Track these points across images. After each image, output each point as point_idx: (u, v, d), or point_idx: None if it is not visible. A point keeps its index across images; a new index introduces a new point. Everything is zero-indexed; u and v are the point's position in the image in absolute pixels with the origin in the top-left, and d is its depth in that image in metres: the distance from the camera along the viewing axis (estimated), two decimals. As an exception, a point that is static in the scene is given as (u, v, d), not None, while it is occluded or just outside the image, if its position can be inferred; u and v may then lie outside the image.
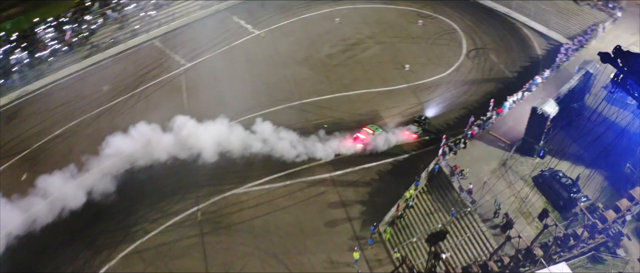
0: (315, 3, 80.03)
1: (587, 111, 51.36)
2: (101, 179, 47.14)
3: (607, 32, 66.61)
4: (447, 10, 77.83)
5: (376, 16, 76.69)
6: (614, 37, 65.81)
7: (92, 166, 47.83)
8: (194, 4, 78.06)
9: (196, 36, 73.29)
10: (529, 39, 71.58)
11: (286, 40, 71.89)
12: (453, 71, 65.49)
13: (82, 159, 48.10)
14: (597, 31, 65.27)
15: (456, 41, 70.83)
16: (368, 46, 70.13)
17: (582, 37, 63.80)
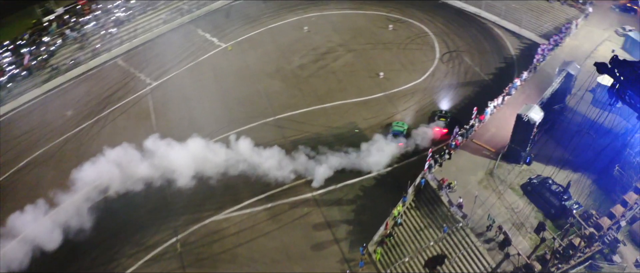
0: (281, 12, 78.01)
1: (570, 113, 51.22)
2: (73, 213, 44.89)
3: (579, 28, 66.80)
4: (417, 13, 76.94)
5: (345, 23, 75.12)
6: (586, 33, 66.17)
7: (62, 199, 45.43)
8: (156, 19, 74.97)
9: (161, 52, 70.39)
10: (501, 39, 71.23)
11: (255, 52, 69.63)
12: (428, 76, 64.47)
13: (50, 192, 45.86)
14: (571, 29, 65.11)
15: (429, 45, 69.90)
16: (339, 54, 68.45)
17: (557, 36, 63.61)
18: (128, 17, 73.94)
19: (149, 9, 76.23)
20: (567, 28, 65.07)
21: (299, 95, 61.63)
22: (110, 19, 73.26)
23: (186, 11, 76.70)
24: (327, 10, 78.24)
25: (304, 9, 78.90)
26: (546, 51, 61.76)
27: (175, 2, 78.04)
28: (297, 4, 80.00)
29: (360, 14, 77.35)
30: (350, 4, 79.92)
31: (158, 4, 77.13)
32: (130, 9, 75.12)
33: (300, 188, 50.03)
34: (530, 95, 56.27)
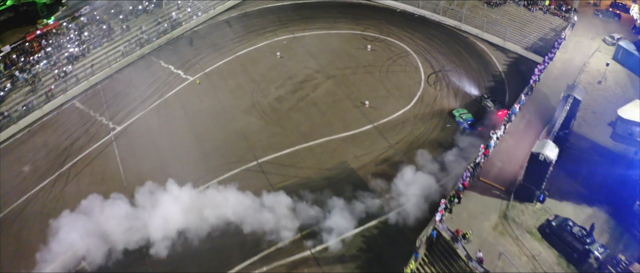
0: (249, 37, 73.44)
1: (576, 139, 48.81)
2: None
3: (567, 39, 64.72)
4: (393, 30, 73.58)
5: (320, 45, 71.03)
6: (575, 44, 64.51)
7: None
8: (113, 51, 69.00)
9: (122, 90, 64.75)
10: (486, 54, 68.75)
11: (226, 84, 64.61)
12: (417, 101, 61.13)
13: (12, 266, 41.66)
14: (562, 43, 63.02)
15: (412, 65, 66.55)
16: (319, 82, 64.23)
17: (552, 54, 61.03)
18: (82, 52, 67.67)
19: (104, 41, 70.02)
20: (559, 44, 62.65)
21: (281, 133, 57.06)
22: (63, 55, 66.73)
23: (145, 41, 70.87)
24: (298, 32, 73.91)
25: (273, 31, 74.37)
26: (542, 71, 59.15)
27: (133, 30, 71.96)
28: (265, 26, 75.57)
29: (334, 35, 73.32)
30: (321, 23, 75.92)
31: (114, 35, 70.91)
32: (84, 42, 68.77)
33: (295, 246, 45.46)
34: (531, 120, 53.99)
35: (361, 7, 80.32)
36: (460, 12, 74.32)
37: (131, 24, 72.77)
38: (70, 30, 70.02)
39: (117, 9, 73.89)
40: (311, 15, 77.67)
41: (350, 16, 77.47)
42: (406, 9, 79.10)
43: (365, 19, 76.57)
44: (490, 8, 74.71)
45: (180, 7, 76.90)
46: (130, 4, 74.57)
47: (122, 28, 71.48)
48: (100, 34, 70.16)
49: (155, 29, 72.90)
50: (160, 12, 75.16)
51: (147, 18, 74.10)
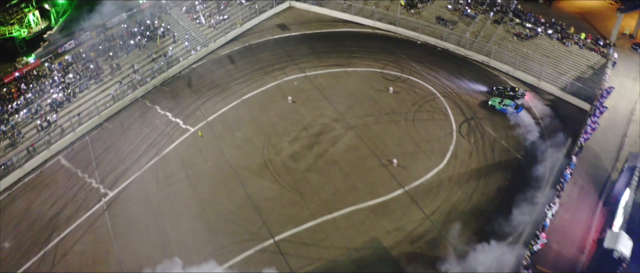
0: (255, 75, 66.73)
1: None
2: None
3: (609, 81, 58.55)
4: (416, 67, 67.00)
5: (335, 86, 64.44)
6: (618, 86, 59.09)
7: None
8: (102, 95, 61.54)
9: (113, 143, 57.79)
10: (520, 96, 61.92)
11: (232, 137, 57.43)
12: (450, 158, 54.48)
13: None
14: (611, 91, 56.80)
15: (441, 112, 59.83)
16: (338, 133, 57.25)
17: (602, 107, 54.48)
18: (67, 97, 60.04)
19: (92, 83, 62.35)
20: (608, 93, 56.17)
21: (299, 202, 50.13)
22: (46, 101, 59.07)
23: (139, 82, 63.26)
24: (310, 70, 66.82)
25: (281, 68, 67.22)
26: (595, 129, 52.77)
27: (124, 69, 64.37)
28: (272, 62, 68.56)
29: (351, 73, 66.31)
30: (335, 58, 69.01)
31: (103, 75, 63.30)
32: (69, 85, 61.07)
33: None
34: (583, 187, 48.09)
35: (378, 39, 73.40)
36: (488, 46, 67.45)
37: (122, 62, 65.23)
38: (53, 71, 62.06)
39: (105, 45, 66.05)
40: (323, 49, 70.54)
41: (367, 50, 70.48)
42: (428, 41, 72.22)
43: (384, 54, 69.61)
44: (521, 41, 68.12)
45: (177, 41, 69.27)
46: (120, 38, 66.78)
47: (111, 67, 63.95)
48: (87, 74, 62.62)
49: (149, 67, 65.19)
50: (155, 47, 67.43)
51: (140, 54, 66.62)
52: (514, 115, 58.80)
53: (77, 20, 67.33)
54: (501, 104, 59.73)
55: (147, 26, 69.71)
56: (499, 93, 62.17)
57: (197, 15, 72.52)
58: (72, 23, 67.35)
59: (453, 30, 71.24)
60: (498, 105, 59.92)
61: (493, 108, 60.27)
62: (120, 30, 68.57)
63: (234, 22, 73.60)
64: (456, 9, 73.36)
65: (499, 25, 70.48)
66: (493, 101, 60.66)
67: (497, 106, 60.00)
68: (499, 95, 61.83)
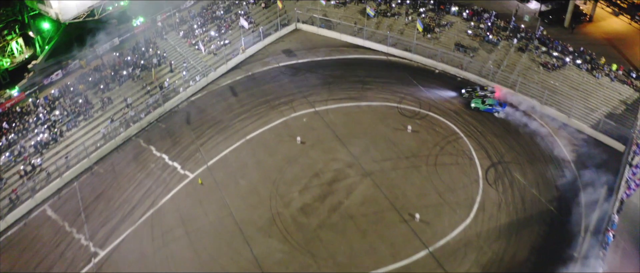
0: (260, 110, 61.68)
1: None
2: None
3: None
4: (434, 101, 61.68)
5: (348, 124, 59.37)
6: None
7: None
8: (92, 134, 56.31)
9: (104, 191, 52.79)
10: (548, 136, 57.54)
11: (236, 186, 52.17)
12: (478, 211, 49.50)
13: None
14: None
15: (465, 155, 54.86)
16: (353, 182, 52.07)
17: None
18: (53, 136, 54.46)
19: (80, 120, 56.83)
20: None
21: (312, 265, 45.38)
22: (30, 143, 53.57)
23: (132, 119, 57.73)
24: (319, 104, 61.56)
25: (288, 102, 61.91)
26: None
27: (116, 103, 58.92)
28: (278, 95, 63.37)
29: (364, 108, 61.07)
30: (347, 90, 63.90)
31: (92, 111, 57.81)
32: (55, 123, 55.55)
33: None
34: (626, 250, 44.04)
35: (392, 67, 68.21)
36: (512, 77, 62.26)
37: (114, 95, 59.73)
38: (38, 106, 56.44)
39: (95, 76, 60.42)
40: (333, 79, 65.37)
41: (381, 80, 65.32)
42: (446, 70, 66.95)
43: (399, 85, 64.44)
44: (547, 72, 62.88)
45: (174, 70, 63.65)
46: (112, 68, 61.21)
47: (102, 101, 58.46)
48: (76, 110, 56.83)
49: (143, 100, 59.62)
50: (149, 78, 61.80)
51: (134, 86, 61.13)
52: (502, 113, 59.59)
53: (65, 48, 61.59)
54: (485, 104, 59.73)
55: (141, 53, 63.99)
56: (472, 94, 61.78)
57: (196, 41, 66.83)
58: (59, 51, 61.59)
59: (474, 58, 65.94)
60: (482, 106, 59.89)
61: (477, 110, 60.01)
62: (111, 59, 62.75)
63: (235, 47, 68.00)
64: (477, 35, 68.12)
65: (524, 54, 65.22)
66: (476, 103, 60.22)
67: (481, 107, 59.90)
68: (472, 96, 61.51)
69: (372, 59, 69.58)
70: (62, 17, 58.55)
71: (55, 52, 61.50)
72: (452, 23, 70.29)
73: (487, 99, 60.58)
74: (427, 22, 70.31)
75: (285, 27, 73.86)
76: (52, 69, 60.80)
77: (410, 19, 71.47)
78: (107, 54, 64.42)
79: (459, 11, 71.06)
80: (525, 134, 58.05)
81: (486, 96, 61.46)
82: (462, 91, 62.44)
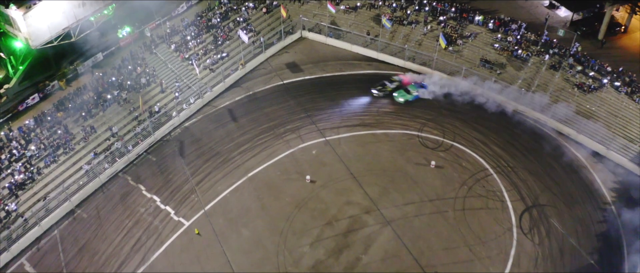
0: (263, 140, 56.15)
1: None
2: None
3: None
4: (460, 127, 56.08)
5: (363, 157, 53.43)
6: None
7: None
8: (73, 170, 50.10)
9: (88, 242, 46.83)
10: (585, 170, 52.03)
11: (238, 237, 46.55)
12: (512, 267, 44.65)
13: None
14: None
15: (496, 197, 49.48)
16: (371, 232, 46.50)
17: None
18: (30, 175, 47.94)
19: (60, 154, 50.32)
20: None
21: None
22: (3, 184, 47.22)
23: (118, 152, 51.19)
24: (330, 131, 55.68)
25: (295, 130, 55.99)
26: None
27: (100, 131, 52.45)
28: (283, 120, 57.70)
29: (381, 137, 55.08)
30: (361, 115, 57.92)
31: (73, 142, 51.32)
32: (31, 159, 49.07)
33: None
34: None
35: (410, 85, 61.56)
36: (544, 100, 56.11)
37: (97, 123, 53.15)
38: (12, 140, 49.79)
39: (76, 100, 53.57)
40: (346, 101, 58.91)
41: (397, 103, 58.63)
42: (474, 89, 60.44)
43: (419, 107, 58.44)
44: (583, 94, 56.76)
45: (165, 90, 56.82)
46: (94, 90, 54.32)
47: (84, 130, 51.86)
48: (54, 142, 50.21)
49: (131, 128, 53.02)
50: (137, 102, 55.09)
51: (119, 112, 54.33)
52: (425, 92, 58.73)
53: (41, 68, 54.52)
54: (411, 94, 58.38)
55: (127, 73, 57.03)
56: (384, 90, 59.25)
57: (189, 55, 59.89)
58: (35, 71, 54.54)
59: (500, 76, 59.59)
60: (409, 96, 58.43)
61: (407, 102, 58.33)
62: (94, 80, 55.76)
63: (234, 61, 61.06)
64: (504, 49, 61.45)
65: (557, 72, 58.83)
66: (402, 96, 58.44)
67: (409, 97, 58.39)
68: (382, 90, 59.26)
69: (387, 75, 62.80)
70: (33, 42, 51.12)
71: (30, 72, 54.31)
72: (476, 34, 63.44)
73: (410, 87, 58.92)
74: (449, 32, 63.48)
75: (290, 35, 66.83)
76: (27, 92, 53.68)
77: (429, 28, 64.38)
78: (88, 73, 57.26)
79: (483, 20, 64.07)
80: (560, 168, 52.66)
81: (399, 86, 59.34)
82: (374, 91, 59.24)
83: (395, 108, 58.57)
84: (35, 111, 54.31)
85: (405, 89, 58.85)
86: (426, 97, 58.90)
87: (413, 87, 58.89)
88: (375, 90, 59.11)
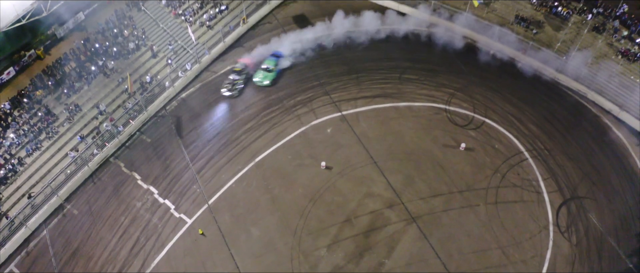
0: (273, 116, 50.86)
1: None
2: None
3: None
4: (492, 98, 51.44)
5: (384, 137, 48.54)
6: None
7: None
8: (59, 157, 45.19)
9: (81, 245, 42.71)
10: (628, 156, 47.84)
11: (247, 238, 43.10)
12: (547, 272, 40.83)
13: None
14: None
15: (531, 186, 45.71)
16: (395, 231, 43.00)
17: None
18: (12, 168, 43.45)
19: (43, 139, 45.37)
20: None
21: None
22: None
23: (108, 134, 46.28)
24: (347, 105, 50.79)
25: (307, 102, 50.87)
26: None
27: (86, 110, 47.14)
28: (293, 89, 52.13)
29: (404, 112, 50.18)
30: (381, 83, 52.76)
31: (56, 124, 46.13)
32: (11, 148, 44.40)
33: None
34: None
35: (436, 46, 55.75)
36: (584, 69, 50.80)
37: (82, 99, 47.43)
38: (-15, 127, 44.74)
39: (57, 73, 47.57)
40: (363, 65, 53.55)
41: (423, 65, 53.89)
42: (504, 52, 54.52)
43: (447, 73, 53.11)
44: (628, 63, 51.31)
45: (157, 54, 50.56)
46: (75, 59, 48.01)
47: (68, 109, 46.34)
48: (36, 126, 44.90)
49: (120, 104, 47.56)
50: (126, 70, 49.09)
51: (106, 84, 48.47)
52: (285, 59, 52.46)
53: (16, 36, 47.71)
54: (272, 70, 51.25)
55: (113, 36, 50.39)
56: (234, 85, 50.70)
57: (183, 11, 53.07)
58: (9, 40, 47.76)
59: (537, 35, 53.53)
60: (270, 74, 51.22)
61: (274, 80, 51.31)
62: (76, 47, 49.24)
63: (235, 15, 54.26)
64: (542, 4, 54.80)
65: (600, 35, 52.78)
66: (265, 78, 51.05)
67: (272, 75, 51.25)
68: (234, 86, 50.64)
69: (410, 33, 56.45)
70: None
71: (2, 45, 47.52)
72: (510, -15, 56.54)
73: (267, 63, 51.61)
74: (478, -18, 56.44)
75: (295, -20, 59.32)
76: (0, 66, 47.28)
77: (456, -25, 57.29)
78: (70, 36, 50.48)
79: (519, -29, 56.94)
80: (600, 151, 48.27)
81: (248, 72, 51.79)
82: (224, 92, 50.68)
83: (418, 74, 52.94)
84: (12, 88, 48.11)
85: (265, 69, 51.42)
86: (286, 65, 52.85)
87: (270, 62, 51.64)
88: (227, 90, 50.65)
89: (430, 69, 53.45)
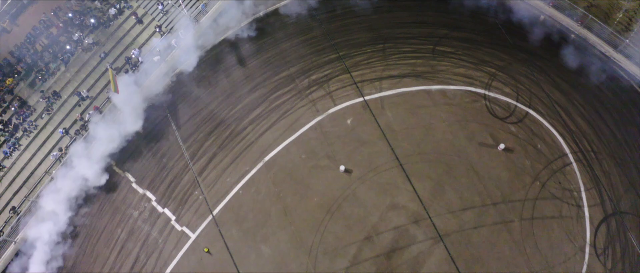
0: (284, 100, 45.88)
1: None
2: None
3: None
4: (537, 79, 46.14)
5: (413, 131, 44.25)
6: None
7: None
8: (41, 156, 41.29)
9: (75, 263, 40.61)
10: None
11: (257, 257, 41.30)
12: (580, 307, 40.58)
13: None
14: None
15: (572, 199, 43.03)
16: (420, 251, 41.28)
17: None
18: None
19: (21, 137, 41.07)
20: None
21: None
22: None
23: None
24: (369, 86, 45.71)
25: (322, 83, 45.55)
26: None
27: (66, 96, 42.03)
28: (307, 65, 47.10)
29: (437, 97, 45.57)
30: (411, 57, 46.91)
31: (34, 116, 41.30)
32: None
33: None
34: None
35: (477, 12, 48.32)
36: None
37: (59, 83, 41.78)
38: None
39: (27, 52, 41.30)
40: (390, 32, 46.78)
41: (460, 35, 47.20)
42: (555, 18, 47.87)
43: (487, 46, 47.09)
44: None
45: (143, 20, 43.73)
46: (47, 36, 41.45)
47: (46, 97, 40.91)
48: (10, 123, 40.19)
49: (104, 85, 42.26)
50: (109, 42, 42.81)
51: (87, 62, 42.24)
52: None
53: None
54: None
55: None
56: None
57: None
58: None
59: (590, 10, 46.65)
60: None
61: None
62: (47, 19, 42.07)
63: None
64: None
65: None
66: None
67: None
68: None
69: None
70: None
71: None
72: None
73: None
74: None
75: None
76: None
77: None
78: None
79: None
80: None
81: None
82: None
83: (455, 46, 46.75)
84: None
85: None
86: None
87: None
88: None
89: (470, 39, 47.10)
